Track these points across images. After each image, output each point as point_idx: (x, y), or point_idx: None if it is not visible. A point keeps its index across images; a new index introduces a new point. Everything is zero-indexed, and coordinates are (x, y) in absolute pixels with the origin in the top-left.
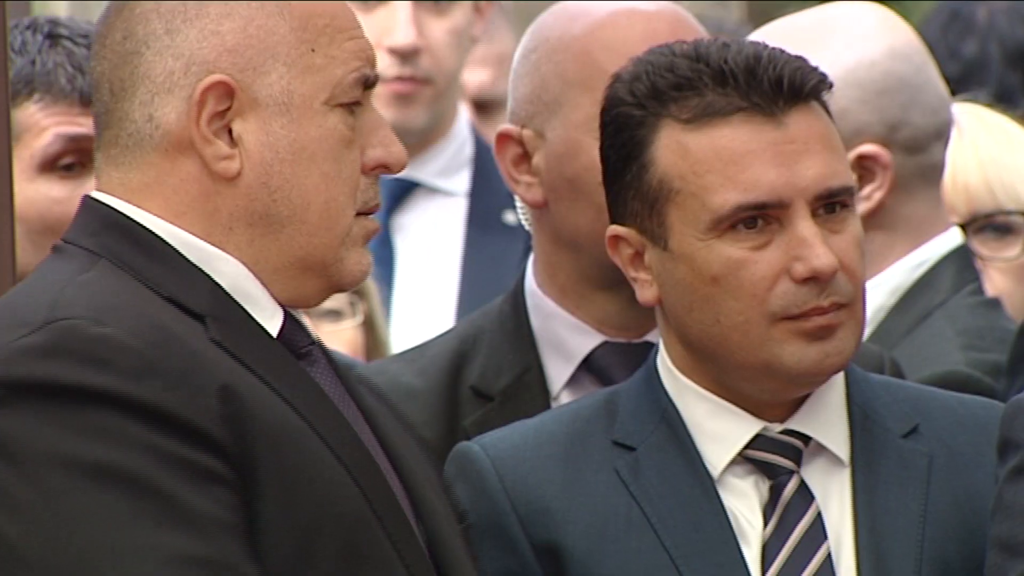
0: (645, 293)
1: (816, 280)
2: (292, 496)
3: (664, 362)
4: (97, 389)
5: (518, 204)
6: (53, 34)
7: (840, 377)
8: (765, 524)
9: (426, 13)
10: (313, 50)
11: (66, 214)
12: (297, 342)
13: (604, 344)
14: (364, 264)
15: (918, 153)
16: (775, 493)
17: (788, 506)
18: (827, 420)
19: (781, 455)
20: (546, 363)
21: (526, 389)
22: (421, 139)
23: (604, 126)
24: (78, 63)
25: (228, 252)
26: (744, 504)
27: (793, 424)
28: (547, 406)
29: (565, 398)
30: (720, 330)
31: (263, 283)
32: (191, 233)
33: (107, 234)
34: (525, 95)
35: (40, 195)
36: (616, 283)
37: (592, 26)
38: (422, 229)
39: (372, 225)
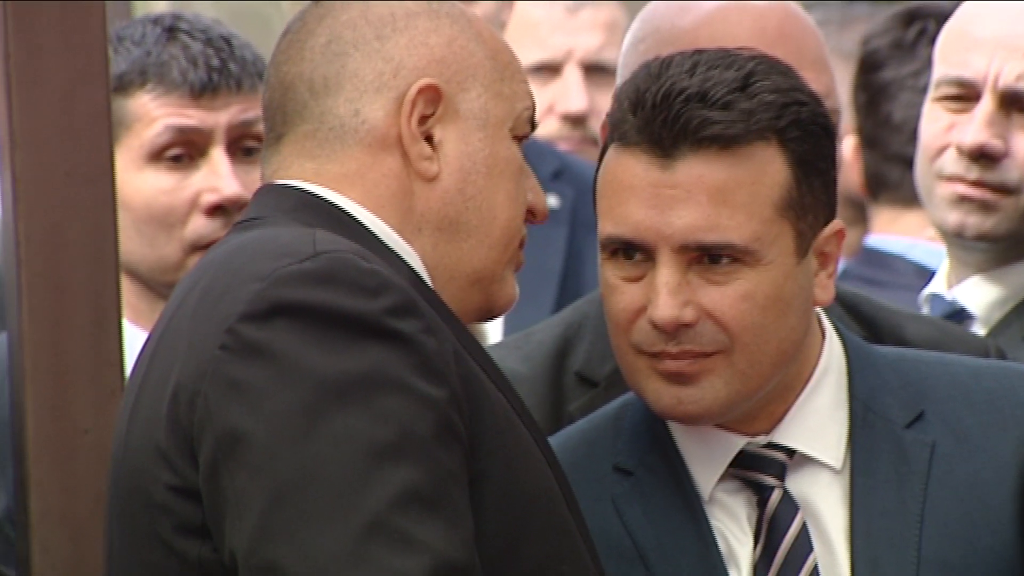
0: None
1: (659, 328)
2: (514, 466)
3: None
4: (366, 317)
5: None
6: (172, 27)
7: (840, 373)
8: (756, 543)
9: None
10: (502, 79)
11: (170, 204)
12: None
13: None
14: (514, 292)
15: None
16: (761, 509)
17: (772, 522)
18: (815, 427)
19: (763, 471)
20: None
21: None
22: None
23: None
24: (193, 57)
25: (414, 251)
26: (734, 523)
27: (777, 436)
28: None
29: None
30: (614, 349)
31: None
32: (393, 229)
33: (305, 211)
34: None
35: (147, 184)
36: None
37: (701, 20)
38: None
39: (521, 257)
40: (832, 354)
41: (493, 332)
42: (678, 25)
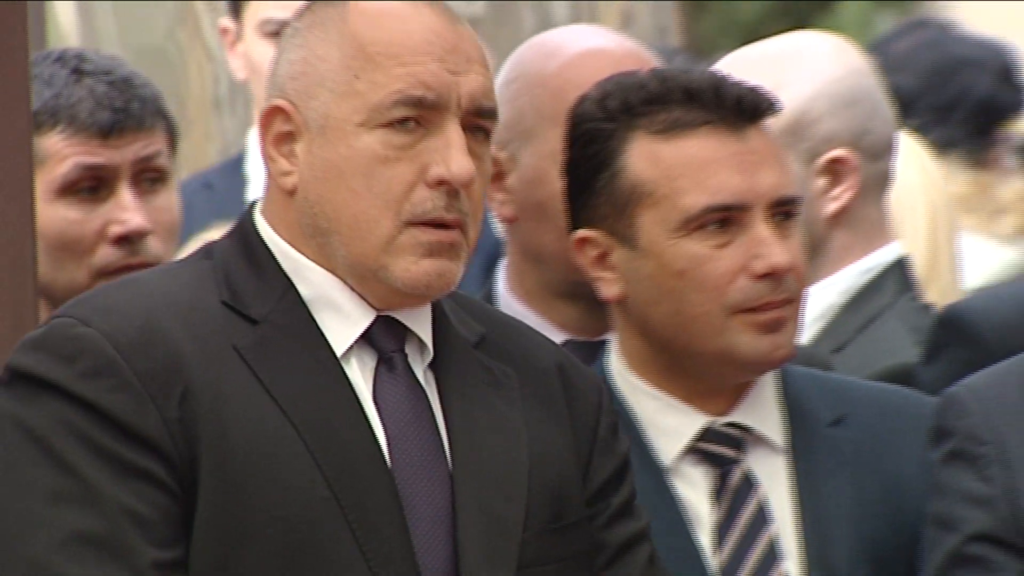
0: (608, 290)
1: (773, 276)
2: (228, 499)
3: (615, 362)
4: (53, 381)
5: (492, 216)
6: (78, 69)
7: (772, 372)
8: (715, 511)
9: None
10: (357, 76)
11: (80, 233)
12: (383, 347)
13: (568, 342)
14: (414, 271)
15: (877, 160)
16: (722, 481)
17: (735, 493)
18: (764, 412)
19: (726, 446)
20: None
21: None
22: None
23: (572, 141)
24: (100, 98)
25: (311, 259)
26: (694, 493)
27: (735, 417)
28: None
29: None
30: (681, 320)
31: (352, 288)
32: (286, 242)
33: (231, 237)
34: (504, 121)
35: (58, 216)
36: (575, 293)
37: (565, 65)
38: None
39: (426, 236)
40: None
41: None
42: (545, 69)
